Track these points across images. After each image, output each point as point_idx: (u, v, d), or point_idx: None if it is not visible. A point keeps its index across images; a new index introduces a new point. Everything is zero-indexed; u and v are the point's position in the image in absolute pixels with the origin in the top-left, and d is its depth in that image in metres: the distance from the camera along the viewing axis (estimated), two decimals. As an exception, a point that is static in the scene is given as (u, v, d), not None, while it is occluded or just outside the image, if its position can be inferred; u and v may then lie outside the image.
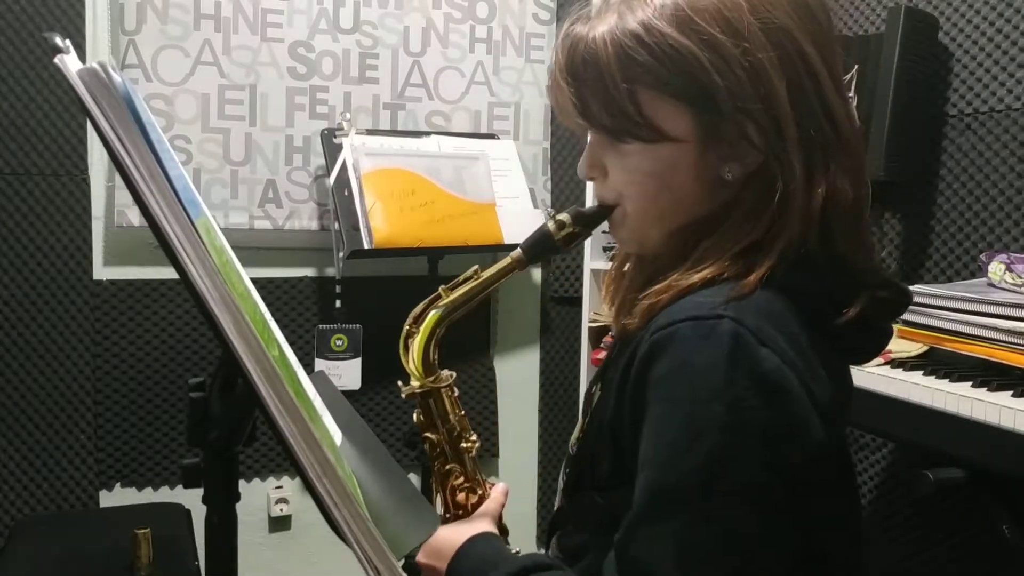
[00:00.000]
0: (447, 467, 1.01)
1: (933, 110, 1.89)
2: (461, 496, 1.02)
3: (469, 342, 2.67)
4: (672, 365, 0.72)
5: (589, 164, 0.87)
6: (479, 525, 0.96)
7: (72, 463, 2.28)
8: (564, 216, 0.89)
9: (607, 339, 2.51)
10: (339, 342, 2.37)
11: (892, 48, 1.76)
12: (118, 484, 2.36)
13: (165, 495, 2.38)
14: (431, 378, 0.99)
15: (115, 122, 0.59)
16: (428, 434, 1.01)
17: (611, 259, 0.98)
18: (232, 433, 0.79)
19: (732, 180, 0.79)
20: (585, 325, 2.54)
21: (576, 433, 0.95)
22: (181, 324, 2.37)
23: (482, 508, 1.01)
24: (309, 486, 0.68)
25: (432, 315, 0.95)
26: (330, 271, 2.47)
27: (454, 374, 1.01)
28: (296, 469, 0.68)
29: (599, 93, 0.79)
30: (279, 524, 2.54)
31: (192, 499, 0.81)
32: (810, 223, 0.77)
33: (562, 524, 0.93)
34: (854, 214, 0.79)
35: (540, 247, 0.91)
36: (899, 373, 1.47)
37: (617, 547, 0.75)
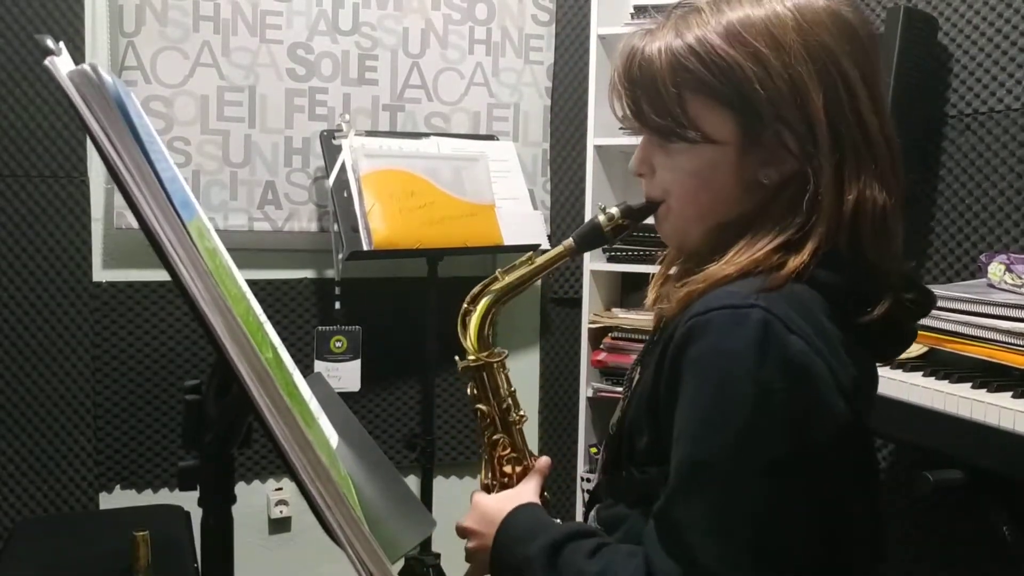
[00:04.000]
0: (495, 437, 1.09)
1: (933, 110, 1.89)
2: (507, 467, 1.09)
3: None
4: (706, 348, 0.78)
5: (639, 161, 0.94)
6: (524, 495, 1.02)
7: (72, 465, 2.28)
8: (614, 210, 0.97)
9: (608, 339, 2.51)
10: (339, 344, 2.37)
11: (892, 48, 1.76)
12: (118, 486, 2.36)
13: (165, 497, 2.39)
14: (485, 353, 1.07)
15: (105, 123, 0.59)
16: (480, 405, 1.09)
17: (659, 263, 1.04)
18: (227, 435, 0.79)
19: (769, 184, 0.86)
20: (585, 326, 2.53)
21: (616, 414, 1.00)
22: (180, 326, 2.37)
23: (526, 479, 1.07)
24: (302, 488, 0.68)
25: (488, 297, 1.05)
26: (329, 272, 2.47)
27: (506, 351, 1.10)
28: (289, 471, 0.68)
29: (650, 97, 0.87)
30: (279, 526, 2.54)
31: (192, 501, 0.82)
32: (840, 225, 0.83)
33: (600, 498, 0.99)
34: (883, 220, 0.85)
35: (590, 238, 1.00)
36: (899, 374, 1.47)
37: (656, 515, 0.80)
